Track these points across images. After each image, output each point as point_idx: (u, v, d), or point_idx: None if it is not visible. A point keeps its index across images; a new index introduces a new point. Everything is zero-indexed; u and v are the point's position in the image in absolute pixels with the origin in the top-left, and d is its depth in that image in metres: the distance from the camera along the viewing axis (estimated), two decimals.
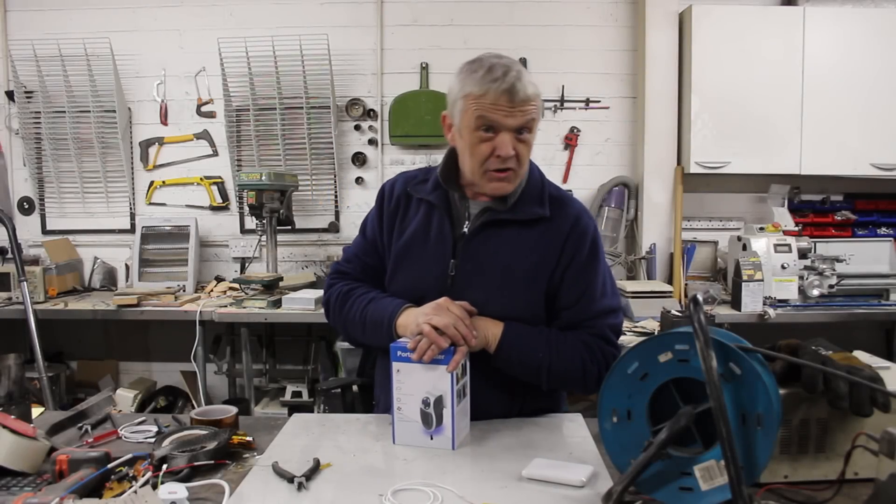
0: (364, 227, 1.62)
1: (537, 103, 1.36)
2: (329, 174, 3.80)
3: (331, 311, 1.59)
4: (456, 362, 1.25)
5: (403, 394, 1.27)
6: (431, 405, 1.25)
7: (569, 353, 1.40)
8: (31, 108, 3.76)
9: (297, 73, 3.64)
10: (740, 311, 3.03)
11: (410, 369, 1.26)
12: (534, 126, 1.38)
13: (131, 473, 1.12)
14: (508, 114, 1.32)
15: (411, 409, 1.26)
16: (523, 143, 1.37)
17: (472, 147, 1.37)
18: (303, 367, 3.49)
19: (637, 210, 3.68)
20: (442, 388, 1.25)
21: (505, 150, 1.33)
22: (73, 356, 3.87)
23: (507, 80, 1.31)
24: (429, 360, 1.24)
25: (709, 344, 0.90)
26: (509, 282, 1.42)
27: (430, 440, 1.26)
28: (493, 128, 1.34)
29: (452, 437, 1.25)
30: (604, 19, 3.73)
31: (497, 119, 1.33)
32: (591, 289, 1.45)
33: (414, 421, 1.26)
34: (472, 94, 1.33)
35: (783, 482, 1.05)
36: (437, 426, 1.25)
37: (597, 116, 3.77)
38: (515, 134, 1.35)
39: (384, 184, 1.60)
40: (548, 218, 1.44)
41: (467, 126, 1.36)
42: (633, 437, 1.02)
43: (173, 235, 3.69)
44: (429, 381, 1.25)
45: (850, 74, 3.38)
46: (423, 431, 1.26)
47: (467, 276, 1.43)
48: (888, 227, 3.74)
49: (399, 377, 1.27)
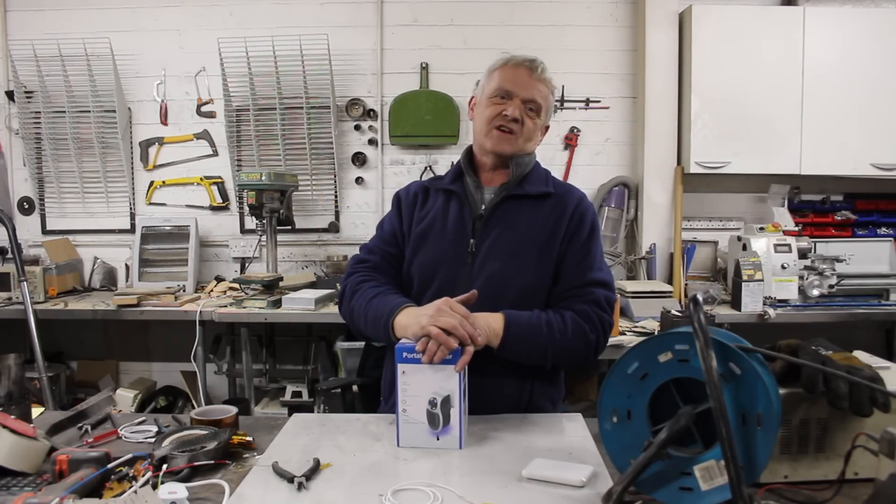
0: (381, 225, 1.71)
1: (550, 90, 1.58)
2: (329, 174, 3.80)
3: (343, 301, 1.62)
4: (464, 362, 1.26)
5: (409, 395, 1.26)
6: (438, 405, 1.24)
7: (570, 329, 1.45)
8: (31, 108, 3.76)
9: (297, 73, 3.64)
10: (740, 311, 3.03)
11: (417, 370, 1.26)
12: (542, 108, 1.56)
13: (131, 473, 1.12)
14: (524, 85, 1.53)
15: (417, 411, 1.26)
16: (530, 118, 1.55)
17: (486, 109, 1.56)
18: (303, 367, 3.49)
19: (637, 210, 3.68)
20: (449, 388, 1.25)
21: (513, 110, 1.52)
22: (73, 356, 3.88)
23: (529, 58, 1.56)
24: (438, 362, 1.25)
25: (709, 344, 0.90)
26: (524, 253, 1.52)
27: (437, 441, 1.26)
28: (507, 95, 1.54)
29: (460, 436, 1.25)
30: (604, 19, 3.73)
31: (512, 88, 1.53)
32: (590, 258, 1.54)
33: (420, 422, 1.26)
34: (496, 67, 1.58)
35: (783, 482, 1.05)
36: (444, 426, 1.25)
37: (597, 116, 3.77)
38: (524, 105, 1.54)
39: (398, 191, 1.72)
40: (555, 195, 1.59)
41: (487, 95, 1.57)
42: (633, 437, 1.02)
43: (173, 235, 3.69)
44: (436, 382, 1.25)
45: (850, 74, 3.38)
46: (430, 432, 1.26)
47: (486, 252, 1.52)
48: (888, 227, 3.74)
49: (405, 379, 1.26)
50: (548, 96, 1.57)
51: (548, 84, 1.57)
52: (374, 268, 1.62)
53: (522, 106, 1.54)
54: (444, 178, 1.66)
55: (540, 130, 1.61)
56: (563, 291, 1.52)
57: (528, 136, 1.56)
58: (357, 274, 1.61)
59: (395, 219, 1.66)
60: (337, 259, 3.66)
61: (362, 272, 1.61)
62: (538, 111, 1.56)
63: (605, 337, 1.50)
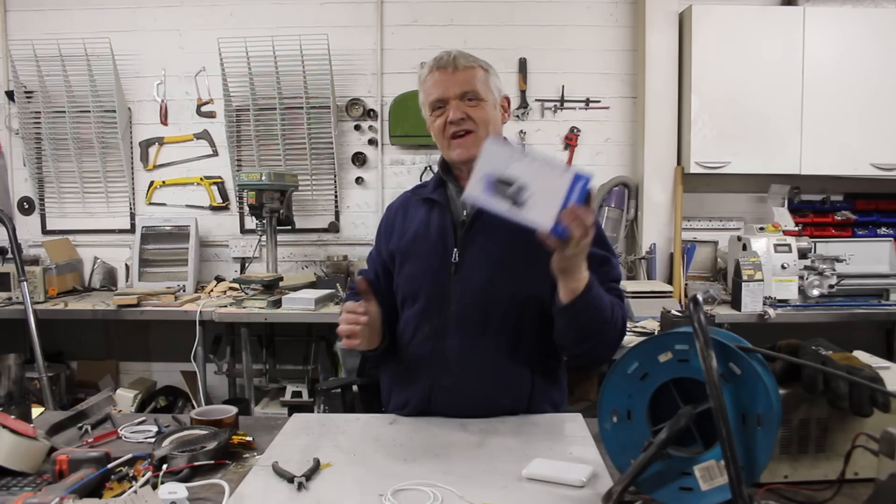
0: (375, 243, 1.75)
1: (475, 71, 1.50)
2: (329, 174, 3.80)
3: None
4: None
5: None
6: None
7: (619, 323, 1.42)
8: (31, 108, 3.76)
9: (297, 73, 3.64)
10: (740, 311, 3.03)
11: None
12: (481, 90, 1.49)
13: (131, 473, 1.12)
14: (447, 85, 1.47)
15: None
16: (475, 108, 1.48)
17: (433, 125, 1.52)
18: (303, 367, 3.49)
19: (637, 210, 3.68)
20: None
21: (453, 113, 1.47)
22: (73, 356, 3.88)
23: (443, 58, 1.50)
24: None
25: (709, 344, 0.90)
26: (512, 260, 1.47)
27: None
28: (442, 102, 1.49)
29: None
30: (604, 19, 3.73)
31: (442, 94, 1.48)
32: (609, 255, 1.51)
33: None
34: (421, 82, 1.53)
35: (783, 482, 1.05)
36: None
37: (597, 116, 3.77)
38: (463, 101, 1.47)
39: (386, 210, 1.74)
40: None
41: (428, 112, 1.53)
42: (633, 437, 1.02)
43: (173, 235, 3.69)
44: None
45: (850, 74, 3.38)
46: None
47: (471, 261, 1.49)
48: (888, 227, 3.74)
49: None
50: (479, 76, 1.49)
51: (474, 66, 1.49)
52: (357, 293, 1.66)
53: (460, 104, 1.47)
54: (427, 186, 1.63)
55: (496, 107, 1.53)
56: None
57: (485, 123, 1.49)
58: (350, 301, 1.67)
59: (379, 242, 1.68)
60: (337, 259, 3.66)
61: (351, 296, 1.67)
62: (478, 96, 1.48)
63: (625, 328, 1.47)
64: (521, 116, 3.73)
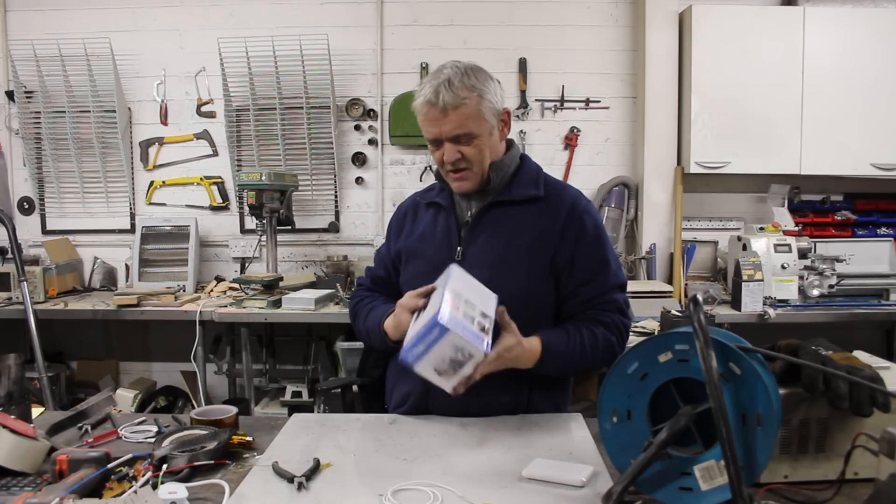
0: (378, 249, 1.81)
1: (466, 108, 1.43)
2: (329, 174, 3.80)
3: (353, 324, 1.73)
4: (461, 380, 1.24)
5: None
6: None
7: (601, 349, 1.48)
8: (31, 108, 3.76)
9: (297, 73, 3.64)
10: (740, 311, 3.03)
11: (428, 360, 1.20)
12: (474, 128, 1.46)
13: (131, 473, 1.12)
14: (440, 125, 1.46)
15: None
16: (469, 147, 1.48)
17: (433, 153, 1.55)
18: (303, 367, 3.49)
19: (637, 210, 3.68)
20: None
21: (448, 155, 1.49)
22: (73, 356, 3.88)
23: (431, 99, 1.43)
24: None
25: (709, 344, 0.90)
26: (511, 258, 1.51)
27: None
28: (436, 143, 1.50)
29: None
30: (604, 19, 3.73)
31: (435, 134, 1.48)
32: (607, 263, 1.53)
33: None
34: (416, 112, 1.50)
35: (783, 482, 1.05)
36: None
37: (597, 116, 3.77)
38: (457, 143, 1.47)
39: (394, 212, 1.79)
40: (543, 198, 1.55)
41: (426, 138, 1.53)
42: (633, 437, 1.02)
43: (173, 235, 3.69)
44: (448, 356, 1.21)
45: (850, 74, 3.38)
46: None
47: (472, 259, 1.52)
48: (888, 227, 3.74)
49: (429, 375, 1.23)
50: (471, 111, 1.44)
51: (466, 100, 1.43)
52: (368, 290, 1.74)
53: (453, 146, 1.47)
54: (433, 189, 1.68)
55: (493, 132, 1.51)
56: (587, 301, 1.51)
57: (482, 157, 1.49)
58: (355, 299, 1.73)
59: (390, 239, 1.73)
60: (337, 259, 3.67)
61: (360, 292, 1.75)
62: (471, 136, 1.46)
63: (626, 340, 1.53)
64: (521, 116, 3.73)
